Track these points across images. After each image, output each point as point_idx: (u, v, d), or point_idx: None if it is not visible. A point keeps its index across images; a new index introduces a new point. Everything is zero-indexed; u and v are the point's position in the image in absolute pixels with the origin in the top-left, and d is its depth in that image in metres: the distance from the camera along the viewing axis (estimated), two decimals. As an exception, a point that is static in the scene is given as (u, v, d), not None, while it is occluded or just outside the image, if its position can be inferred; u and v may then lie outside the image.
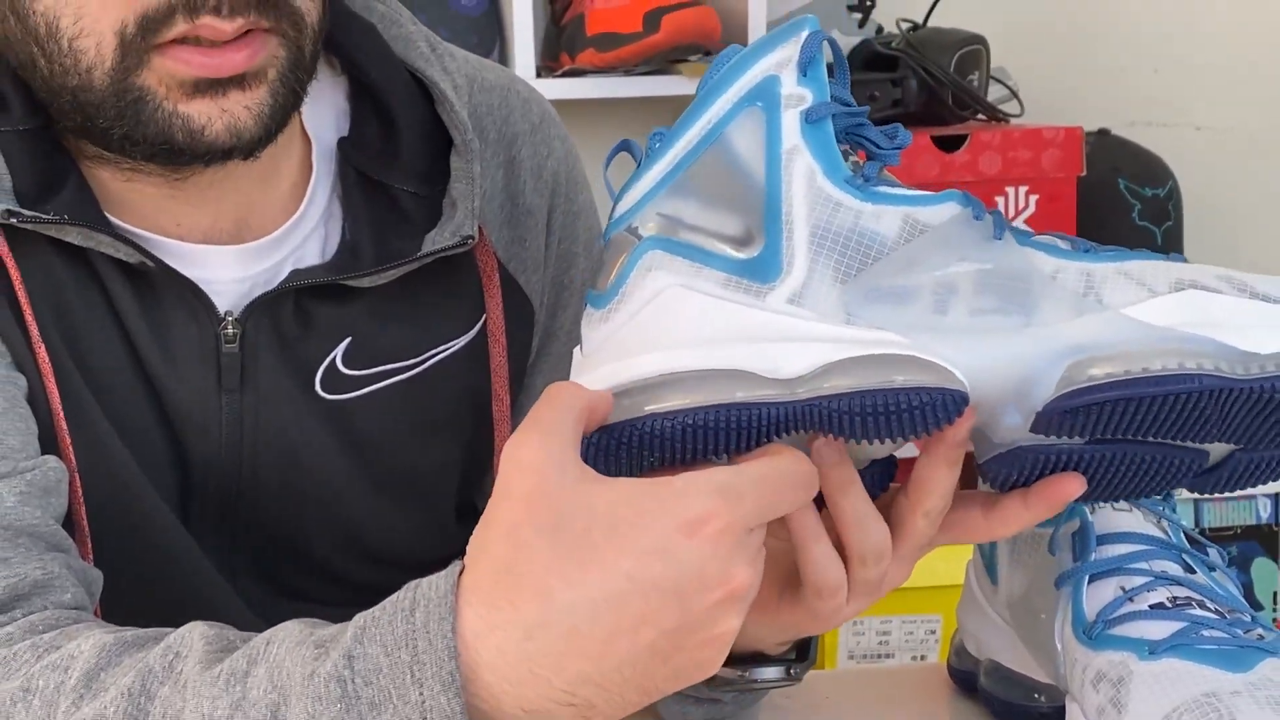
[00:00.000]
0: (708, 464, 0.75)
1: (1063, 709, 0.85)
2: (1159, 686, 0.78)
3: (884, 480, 0.77)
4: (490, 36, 1.93)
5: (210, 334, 0.94)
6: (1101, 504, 0.91)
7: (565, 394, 0.72)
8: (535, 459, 0.67)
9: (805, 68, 0.75)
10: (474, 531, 0.68)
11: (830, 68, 0.77)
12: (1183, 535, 0.90)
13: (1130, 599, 0.84)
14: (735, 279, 0.74)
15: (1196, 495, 1.96)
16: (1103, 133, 2.16)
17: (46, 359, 0.90)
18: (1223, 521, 2.00)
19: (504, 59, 1.92)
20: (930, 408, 0.69)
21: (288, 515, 0.98)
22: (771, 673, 0.89)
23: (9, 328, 0.90)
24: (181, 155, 0.88)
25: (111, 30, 0.84)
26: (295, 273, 0.95)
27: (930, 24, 2.07)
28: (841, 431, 0.71)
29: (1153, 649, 0.79)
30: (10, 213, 0.87)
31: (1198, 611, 0.82)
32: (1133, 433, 0.72)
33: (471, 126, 0.99)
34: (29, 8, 0.86)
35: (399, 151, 0.99)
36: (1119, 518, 0.89)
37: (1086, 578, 0.86)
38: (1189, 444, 0.73)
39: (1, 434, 0.86)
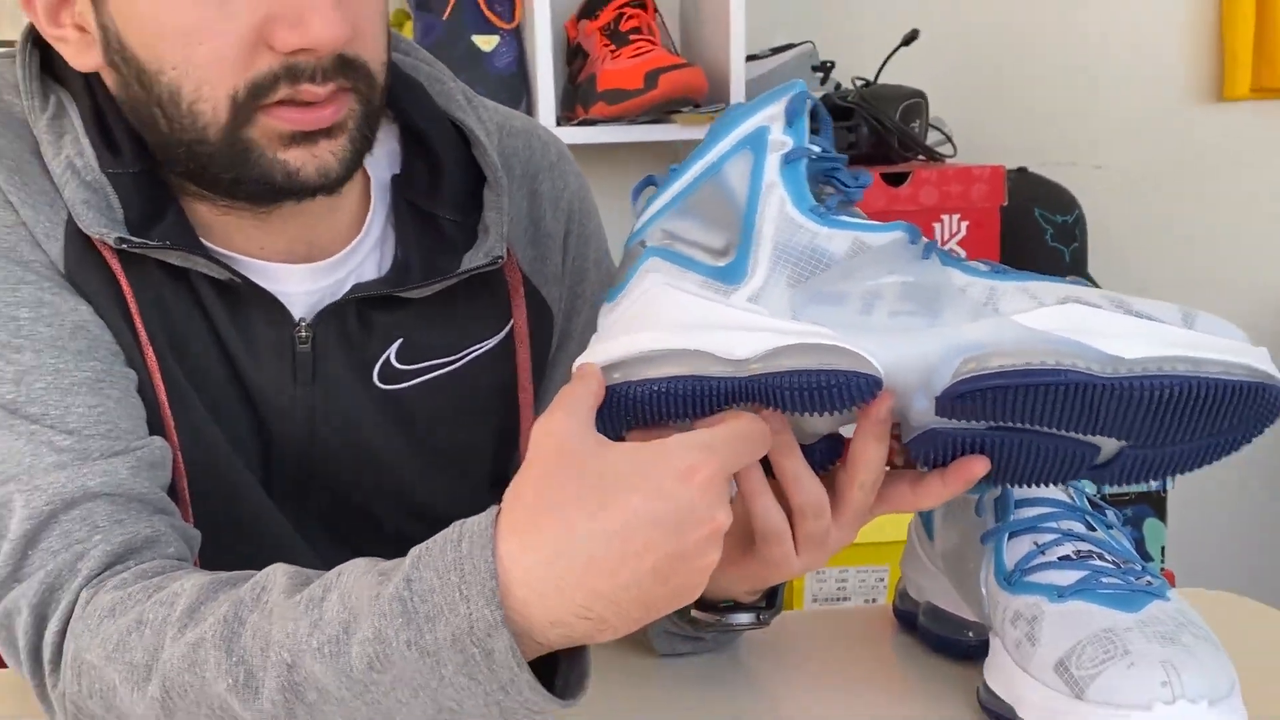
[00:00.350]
0: (671, 427, 0.75)
1: (987, 643, 0.84)
2: (1066, 623, 0.78)
3: (830, 456, 0.77)
4: (519, 92, 1.91)
5: (287, 336, 0.93)
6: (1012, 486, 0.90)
7: (584, 377, 0.74)
8: (560, 429, 0.69)
9: (790, 121, 0.77)
10: (509, 485, 0.69)
11: (819, 125, 0.79)
12: (1086, 499, 0.89)
13: (1042, 552, 0.84)
14: (710, 281, 0.76)
15: None
16: (1021, 170, 2.16)
17: (153, 357, 0.90)
18: (1121, 489, 1.95)
19: (530, 110, 1.90)
20: (847, 387, 0.71)
21: (350, 483, 0.97)
22: (744, 618, 0.90)
23: (122, 332, 0.89)
24: (280, 194, 0.88)
25: (226, 96, 0.84)
26: (357, 286, 0.95)
27: (879, 81, 2.07)
28: (777, 404, 0.73)
29: (1060, 593, 0.80)
30: (122, 239, 0.87)
31: (1097, 562, 0.82)
32: (1020, 419, 0.72)
33: (501, 165, 0.98)
34: (154, 78, 0.85)
35: (442, 186, 0.98)
36: (1036, 486, 0.85)
37: (1007, 535, 0.86)
38: (1074, 435, 0.72)
39: (116, 419, 0.86)
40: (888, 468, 0.77)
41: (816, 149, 0.78)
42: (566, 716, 0.76)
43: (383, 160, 0.99)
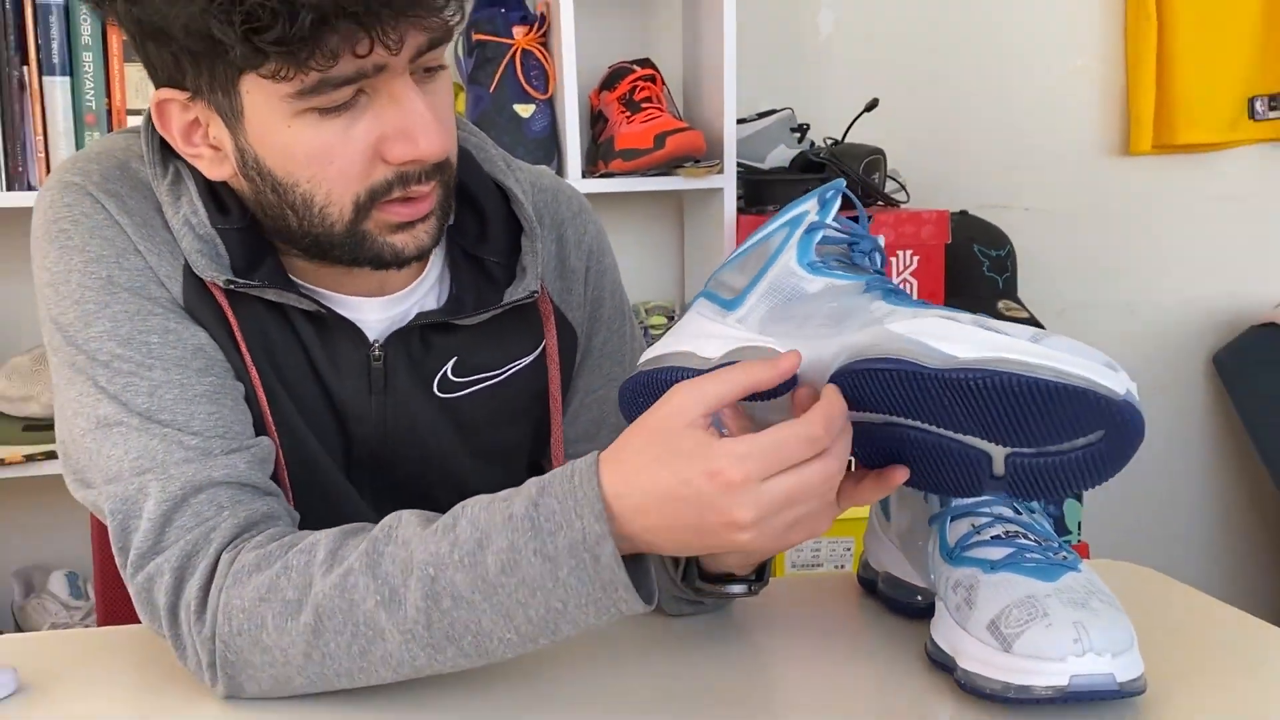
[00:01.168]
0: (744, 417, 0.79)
1: (934, 605, 0.85)
2: (996, 591, 0.77)
3: None
4: (551, 150, 1.91)
5: (363, 355, 0.94)
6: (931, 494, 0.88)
7: (739, 375, 0.75)
8: (674, 406, 0.72)
9: (822, 205, 0.80)
10: (622, 433, 0.74)
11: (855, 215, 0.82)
12: None
13: (978, 532, 0.83)
14: (718, 308, 0.82)
15: None
16: (963, 213, 2.16)
17: (256, 374, 0.90)
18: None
19: (560, 165, 1.92)
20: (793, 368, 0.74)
21: (415, 473, 0.97)
22: (738, 589, 0.91)
23: (231, 354, 0.89)
24: (386, 266, 0.89)
25: (350, 200, 0.84)
26: (420, 315, 0.95)
27: (846, 140, 2.06)
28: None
29: (992, 566, 0.80)
30: (230, 281, 0.88)
31: (1023, 541, 0.81)
32: (890, 409, 0.72)
33: (534, 217, 0.98)
34: (289, 190, 0.85)
35: (487, 235, 0.98)
36: None
37: (949, 518, 0.86)
38: (950, 434, 0.71)
39: (231, 423, 0.87)
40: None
41: (837, 226, 0.80)
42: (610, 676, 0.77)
43: None
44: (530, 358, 1.00)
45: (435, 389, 0.96)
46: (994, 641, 0.74)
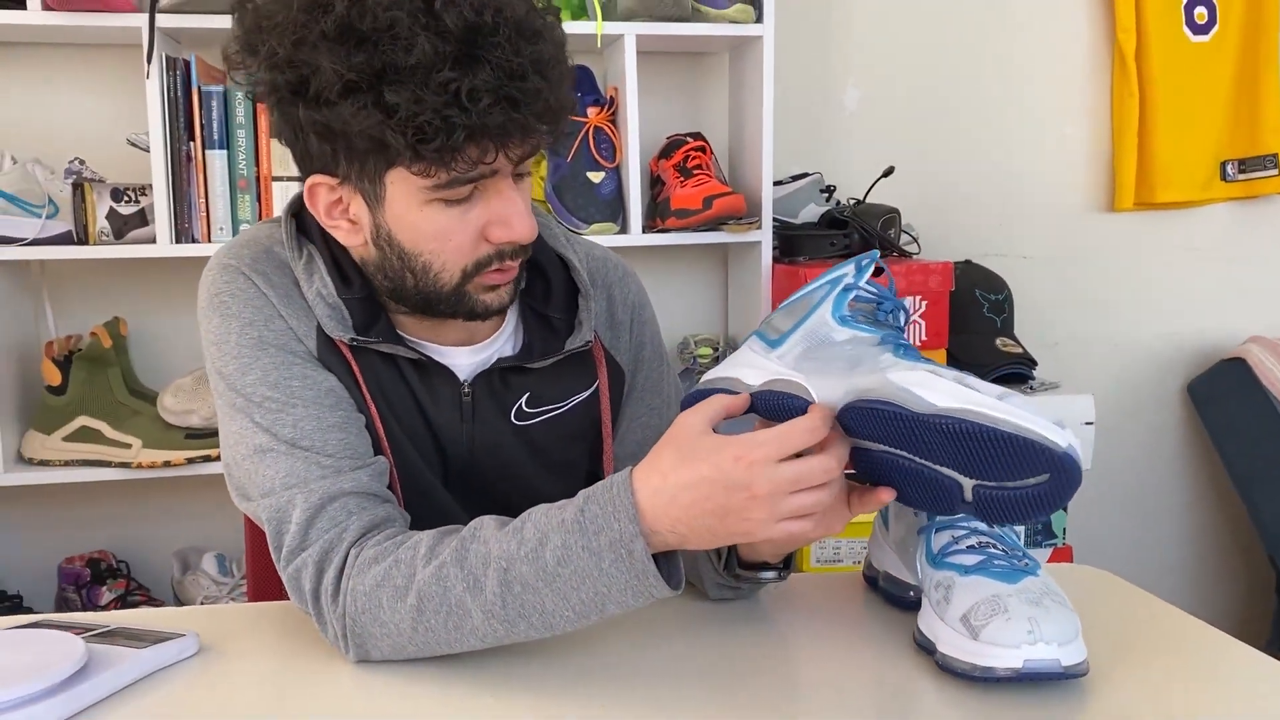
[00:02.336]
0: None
1: (921, 600, 0.87)
2: (968, 590, 0.80)
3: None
4: (617, 210, 1.90)
5: (456, 392, 0.97)
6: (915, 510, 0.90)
7: (721, 399, 0.82)
8: (688, 422, 0.78)
9: (859, 271, 0.84)
10: (651, 449, 0.79)
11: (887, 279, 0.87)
12: None
13: (956, 542, 0.86)
14: (764, 346, 0.86)
15: None
16: (967, 261, 2.15)
17: (373, 408, 0.94)
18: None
19: (625, 223, 1.90)
20: (792, 402, 0.79)
21: (498, 484, 1.00)
22: (770, 575, 0.94)
23: (355, 393, 0.94)
24: (473, 318, 0.93)
25: (459, 268, 0.89)
26: (500, 360, 0.98)
27: (866, 201, 2.06)
28: (760, 411, 0.82)
29: (966, 570, 0.82)
30: (353, 338, 0.93)
31: (992, 550, 0.84)
32: (884, 440, 0.74)
33: (589, 282, 1.02)
34: (413, 258, 0.89)
35: (551, 296, 1.01)
36: None
37: (934, 529, 0.88)
38: (931, 465, 0.73)
39: (356, 447, 0.91)
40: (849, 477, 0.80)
41: (867, 288, 0.84)
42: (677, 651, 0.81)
43: None
44: (587, 393, 1.02)
45: (513, 418, 0.99)
46: (964, 631, 0.78)
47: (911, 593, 0.92)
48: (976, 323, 2.05)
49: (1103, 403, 2.32)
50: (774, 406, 0.80)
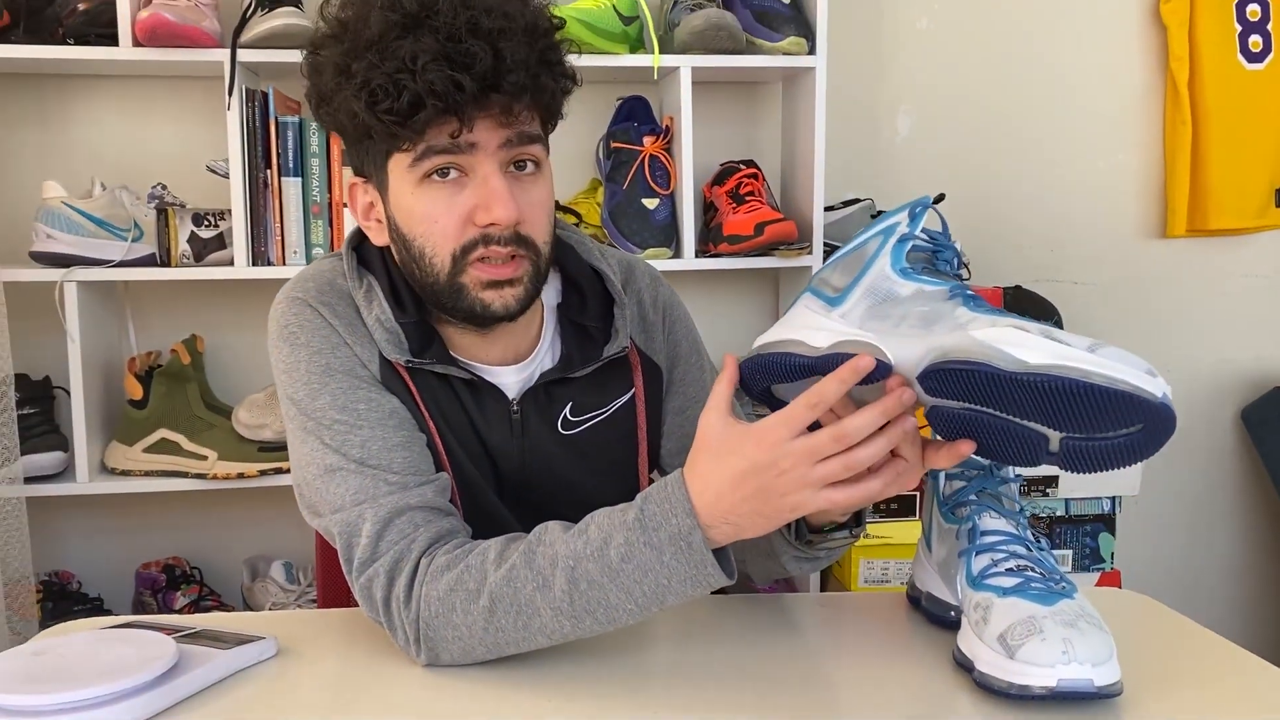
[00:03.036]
0: (785, 380, 0.83)
1: (961, 620, 0.87)
2: (1006, 611, 0.81)
3: None
4: (671, 235, 1.92)
5: (506, 409, 1.01)
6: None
7: (726, 368, 0.84)
8: (711, 420, 0.81)
9: (912, 218, 0.82)
10: (690, 454, 0.82)
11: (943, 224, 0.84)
12: (1029, 532, 0.91)
13: (995, 565, 0.87)
14: (824, 305, 0.83)
15: (1067, 496, 1.94)
16: (1017, 287, 2.14)
17: (432, 426, 0.98)
18: (1083, 511, 1.95)
19: (678, 248, 1.92)
20: (857, 356, 0.76)
21: (549, 492, 1.03)
22: (840, 535, 0.95)
23: (415, 414, 0.97)
24: (480, 320, 0.96)
25: (449, 254, 0.93)
26: (543, 374, 1.02)
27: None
28: (827, 371, 0.78)
29: (1004, 592, 0.84)
30: (409, 361, 0.97)
31: (1030, 573, 0.85)
32: (971, 399, 0.72)
33: (621, 290, 1.05)
34: (410, 243, 0.94)
35: (587, 307, 1.04)
36: (994, 522, 0.91)
37: (974, 553, 0.89)
38: (1018, 420, 0.72)
39: (420, 464, 0.95)
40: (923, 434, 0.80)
41: (925, 238, 0.81)
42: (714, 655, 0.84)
43: (552, 294, 1.07)
44: (626, 397, 1.06)
45: (559, 428, 1.03)
46: (1002, 650, 0.79)
47: (952, 613, 0.94)
48: (1025, 348, 2.04)
49: (1154, 428, 2.30)
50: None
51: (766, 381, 0.84)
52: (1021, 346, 0.69)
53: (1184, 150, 2.27)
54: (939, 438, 0.79)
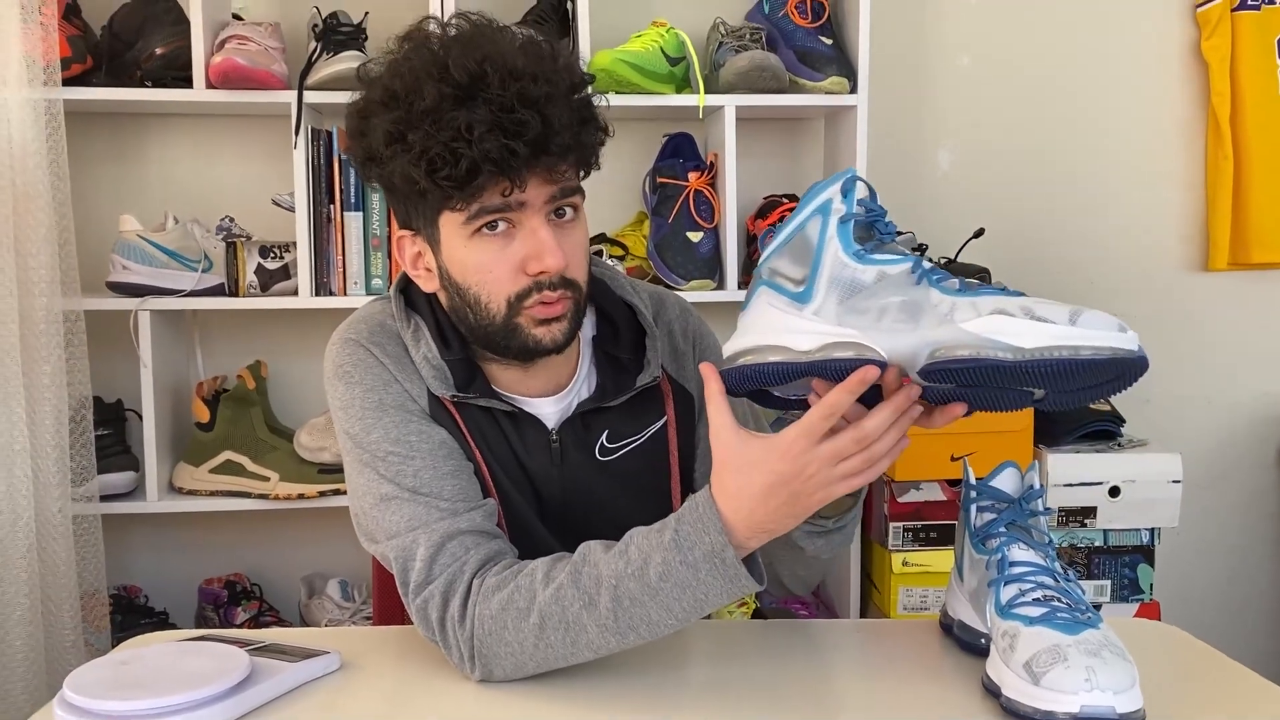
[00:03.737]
0: (765, 391, 0.87)
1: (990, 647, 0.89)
2: (1032, 640, 0.83)
3: (874, 398, 0.82)
4: (714, 267, 1.94)
5: (546, 439, 1.05)
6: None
7: (708, 379, 0.85)
8: (720, 430, 0.84)
9: (845, 194, 0.82)
10: (713, 474, 0.85)
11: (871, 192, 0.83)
12: (1057, 563, 0.92)
13: (1023, 595, 0.88)
14: (791, 302, 0.82)
15: (1105, 526, 1.95)
16: None
17: (478, 455, 1.02)
18: (1122, 542, 1.95)
19: (721, 279, 1.94)
20: (864, 366, 0.79)
21: (588, 515, 1.05)
22: (848, 503, 0.97)
23: (462, 444, 1.01)
24: (532, 354, 1.00)
25: (504, 299, 0.97)
26: (580, 404, 1.05)
27: (957, 260, 2.07)
28: (824, 376, 0.81)
29: (1031, 621, 0.85)
30: (454, 395, 1.01)
31: (1057, 603, 0.86)
32: (972, 383, 0.77)
33: (652, 322, 1.08)
34: (465, 291, 0.98)
35: (620, 340, 1.08)
36: (1023, 554, 0.92)
37: (1003, 583, 0.90)
38: (1011, 388, 0.77)
39: (469, 491, 0.99)
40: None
41: (861, 210, 0.81)
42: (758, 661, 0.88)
43: (587, 327, 1.09)
44: (659, 424, 1.08)
45: (596, 454, 1.06)
46: (1027, 677, 0.81)
47: (983, 640, 0.95)
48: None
49: (1196, 462, 2.29)
50: (847, 372, 0.80)
51: (756, 386, 0.87)
52: (1014, 334, 0.74)
53: (1226, 185, 2.28)
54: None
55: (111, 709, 0.83)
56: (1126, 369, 0.75)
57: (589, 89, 0.99)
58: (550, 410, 1.06)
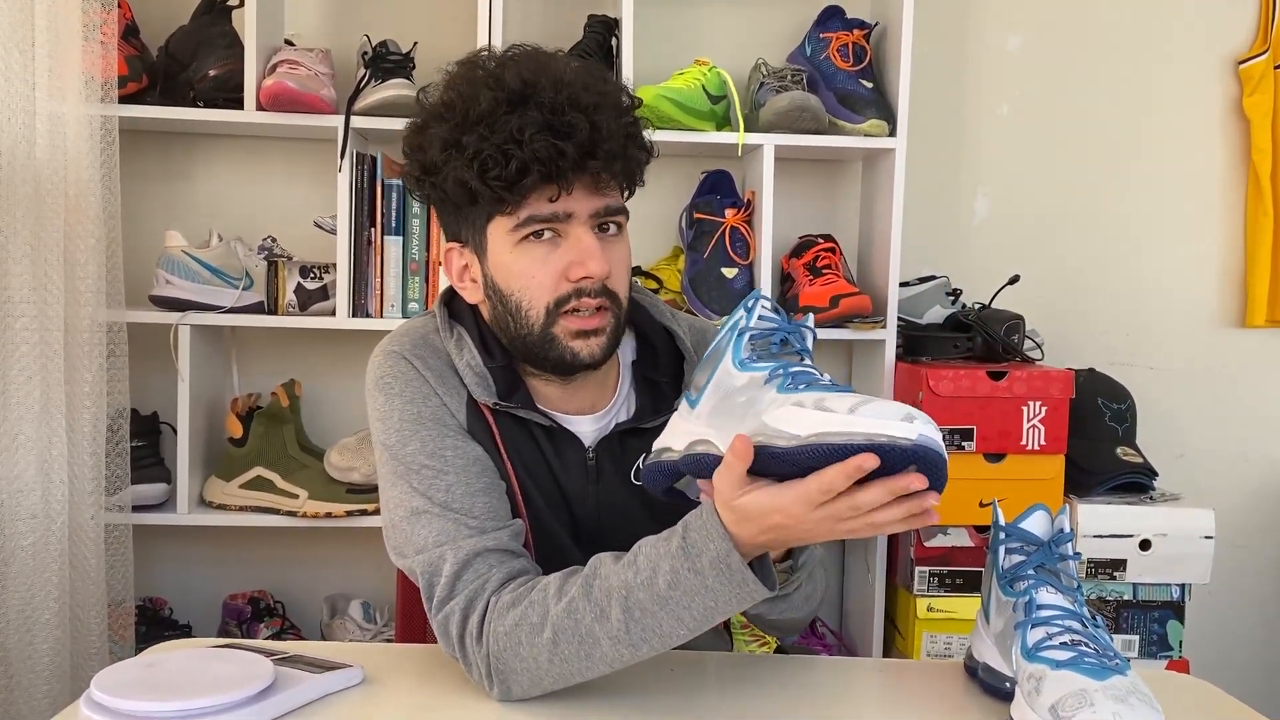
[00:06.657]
0: (669, 481, 0.91)
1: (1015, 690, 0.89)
2: (1058, 684, 0.84)
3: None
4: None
5: (583, 457, 1.06)
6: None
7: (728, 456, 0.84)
8: (718, 489, 0.84)
9: (750, 313, 0.87)
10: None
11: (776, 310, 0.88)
12: (1085, 608, 0.93)
13: (1050, 639, 0.89)
14: (687, 407, 0.89)
15: (1135, 580, 1.93)
16: (1090, 370, 2.13)
17: (512, 473, 1.03)
18: (1152, 597, 1.92)
19: None
20: (709, 461, 0.84)
21: (621, 535, 1.00)
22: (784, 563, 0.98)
23: (496, 460, 1.02)
24: (569, 368, 1.02)
25: (543, 307, 0.99)
26: (618, 424, 1.07)
27: (992, 306, 2.07)
28: (690, 471, 0.88)
29: (1058, 664, 0.86)
30: (496, 404, 1.02)
31: (1084, 648, 0.87)
32: (778, 474, 0.81)
33: (691, 348, 1.10)
34: (507, 299, 1.01)
35: (659, 364, 1.10)
36: (1051, 597, 0.92)
37: (1030, 625, 0.91)
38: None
39: (498, 509, 1.00)
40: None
41: (760, 325, 0.86)
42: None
43: (628, 350, 1.12)
44: None
45: (632, 478, 1.07)
46: None
47: (1008, 683, 0.95)
48: (1097, 430, 2.04)
49: (1231, 518, 2.27)
50: (701, 466, 0.86)
51: (664, 483, 0.92)
52: (795, 422, 0.77)
53: (1265, 241, 2.27)
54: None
55: (137, 709, 0.84)
56: (913, 458, 0.74)
57: (635, 111, 1.02)
58: (589, 429, 1.07)
